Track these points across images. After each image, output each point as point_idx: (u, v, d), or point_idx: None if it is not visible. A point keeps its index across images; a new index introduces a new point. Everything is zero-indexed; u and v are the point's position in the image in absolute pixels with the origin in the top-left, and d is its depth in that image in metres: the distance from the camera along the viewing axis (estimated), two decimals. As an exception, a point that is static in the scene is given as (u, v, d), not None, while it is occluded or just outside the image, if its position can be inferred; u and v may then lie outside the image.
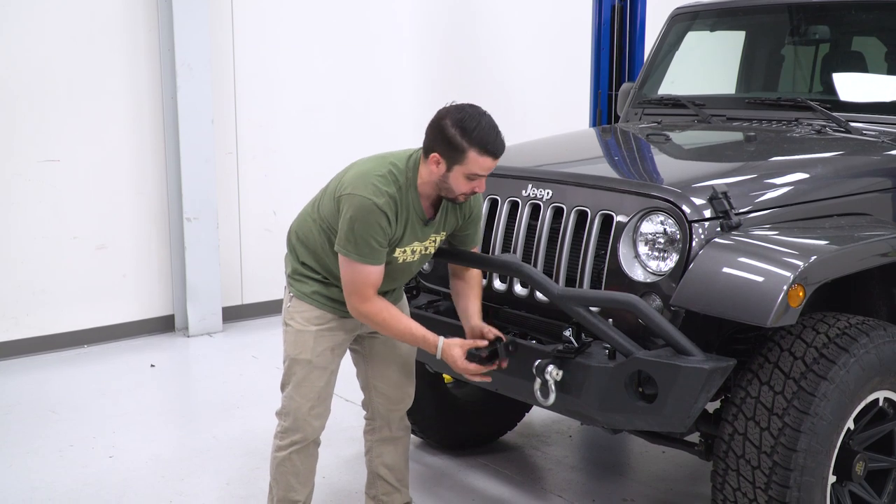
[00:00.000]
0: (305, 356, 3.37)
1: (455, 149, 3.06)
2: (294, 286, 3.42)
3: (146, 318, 6.83)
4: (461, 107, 3.12)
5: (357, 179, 3.14)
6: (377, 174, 3.14)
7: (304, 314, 3.38)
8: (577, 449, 4.90)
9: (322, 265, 3.36)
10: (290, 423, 3.43)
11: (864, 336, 3.14)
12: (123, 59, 6.45)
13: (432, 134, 3.12)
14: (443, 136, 3.07)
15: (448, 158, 3.09)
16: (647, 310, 3.08)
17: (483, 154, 3.07)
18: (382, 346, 3.59)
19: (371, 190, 3.09)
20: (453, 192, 3.18)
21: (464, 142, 3.05)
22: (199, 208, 6.71)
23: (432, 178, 3.17)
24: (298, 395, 3.40)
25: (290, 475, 3.47)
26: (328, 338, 3.39)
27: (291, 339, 3.40)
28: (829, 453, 3.08)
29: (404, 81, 7.99)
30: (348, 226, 3.11)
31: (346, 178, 3.20)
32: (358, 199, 3.09)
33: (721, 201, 3.22)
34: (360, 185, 3.12)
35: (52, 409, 5.31)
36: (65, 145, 6.26)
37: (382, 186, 3.12)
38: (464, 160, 3.08)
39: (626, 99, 5.18)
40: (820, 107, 4.29)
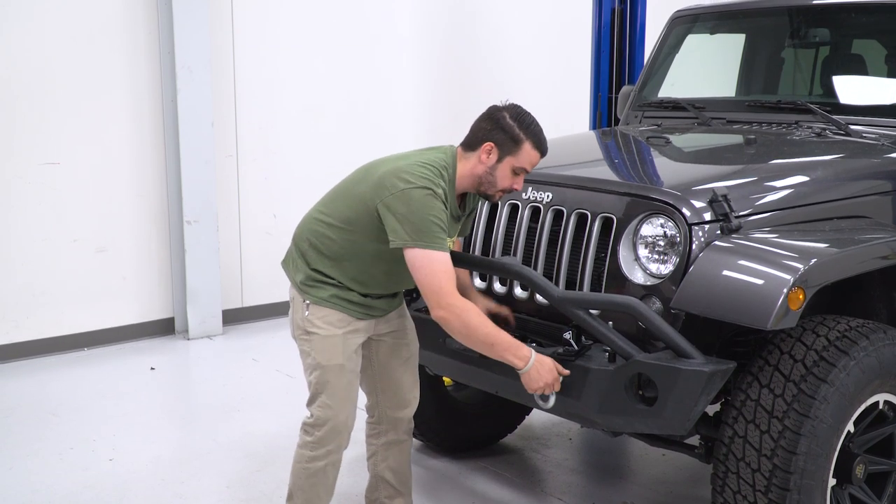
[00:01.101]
0: (338, 360, 3.31)
1: (513, 139, 3.18)
2: (310, 293, 3.32)
3: (146, 320, 6.83)
4: (513, 104, 3.29)
5: (402, 174, 3.11)
6: (423, 167, 3.14)
7: (327, 318, 3.30)
8: (577, 452, 4.90)
9: (340, 270, 3.29)
10: (325, 433, 3.35)
11: (864, 339, 3.14)
12: (123, 62, 6.46)
13: (487, 125, 3.22)
14: (500, 125, 3.19)
15: (502, 148, 3.19)
16: (646, 312, 3.08)
17: (535, 148, 3.22)
18: (389, 348, 3.57)
19: (425, 181, 3.10)
20: (495, 185, 3.25)
21: (521, 133, 3.19)
22: (199, 211, 6.71)
23: (476, 171, 3.23)
24: (335, 403, 3.32)
25: (321, 486, 3.42)
26: (354, 340, 3.35)
27: (319, 346, 3.30)
28: (829, 456, 3.08)
29: (404, 82, 7.99)
30: (413, 216, 3.05)
31: (384, 178, 3.13)
32: (415, 190, 3.07)
33: (721, 204, 3.22)
34: (409, 178, 3.09)
35: (52, 412, 5.31)
36: (65, 148, 6.26)
37: (436, 178, 3.14)
38: (518, 151, 3.20)
39: (626, 101, 5.18)
40: (820, 110, 4.29)
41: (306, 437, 3.39)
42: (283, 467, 4.44)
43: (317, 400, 3.35)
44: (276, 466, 4.55)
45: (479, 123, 3.27)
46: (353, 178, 3.35)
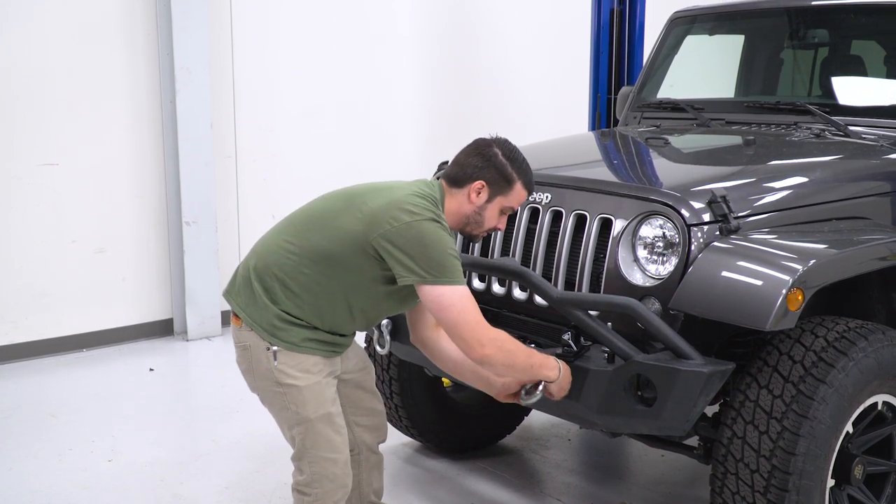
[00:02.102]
0: (325, 409, 3.04)
1: (505, 178, 3.04)
2: (279, 337, 2.98)
3: (145, 321, 6.83)
4: (502, 138, 3.11)
5: (402, 206, 2.88)
6: (419, 197, 2.94)
7: (301, 365, 3.00)
8: (576, 453, 4.90)
9: (311, 310, 2.99)
10: (327, 488, 3.09)
11: (863, 340, 3.14)
12: (122, 63, 6.45)
13: (478, 161, 3.03)
14: (493, 164, 3.03)
15: (493, 187, 3.04)
16: (645, 313, 3.08)
17: (525, 188, 3.09)
18: (356, 384, 3.36)
19: (432, 212, 2.90)
20: (482, 226, 3.10)
21: (514, 173, 3.04)
22: (197, 212, 6.71)
23: (463, 210, 3.06)
24: (331, 454, 3.07)
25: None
26: (332, 381, 3.12)
27: (302, 398, 3.00)
28: (827, 457, 3.08)
29: (404, 83, 7.99)
30: (436, 251, 2.84)
31: (379, 211, 2.88)
32: (424, 222, 2.85)
33: (720, 205, 3.22)
34: (412, 210, 2.87)
35: (51, 413, 5.31)
36: (64, 149, 6.26)
37: (434, 208, 2.94)
38: (509, 191, 3.06)
39: (625, 102, 5.19)
40: (819, 110, 4.29)
41: (305, 499, 3.11)
42: (283, 468, 4.44)
43: (307, 456, 3.08)
44: (276, 467, 4.54)
45: (468, 159, 3.05)
46: (330, 207, 3.04)
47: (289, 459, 3.19)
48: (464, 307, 2.87)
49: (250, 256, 3.14)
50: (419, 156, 7.86)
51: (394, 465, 4.61)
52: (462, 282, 2.89)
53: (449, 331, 2.93)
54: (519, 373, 3.08)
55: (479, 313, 2.91)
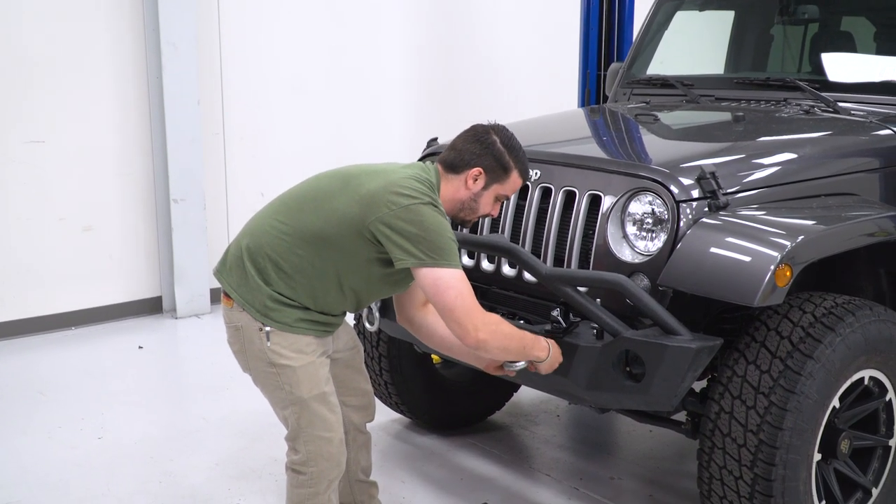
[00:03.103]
0: (319, 389, 3.04)
1: (502, 167, 3.04)
2: (271, 316, 2.97)
3: (133, 299, 6.81)
4: (500, 126, 3.10)
5: (400, 189, 2.86)
6: (416, 181, 2.91)
7: (295, 345, 3.00)
8: (565, 428, 4.92)
9: (305, 291, 2.98)
10: (323, 467, 3.09)
11: (850, 315, 3.15)
12: (107, 39, 6.40)
13: (476, 148, 3.02)
14: (491, 152, 3.03)
15: (491, 175, 3.04)
16: (634, 289, 3.09)
17: (520, 177, 3.10)
18: (345, 363, 3.37)
19: (429, 196, 2.89)
20: (476, 212, 3.11)
21: (511, 161, 3.05)
22: (185, 189, 6.68)
23: (459, 196, 3.06)
24: (326, 433, 3.07)
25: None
26: (325, 361, 3.11)
27: (296, 378, 3.00)
28: (814, 431, 3.11)
29: (393, 60, 7.95)
30: (434, 234, 2.83)
31: (377, 193, 2.87)
32: (424, 207, 2.85)
33: (709, 181, 3.22)
34: (416, 192, 2.86)
35: (40, 391, 5.30)
36: (50, 126, 6.22)
37: (434, 193, 2.94)
38: (505, 180, 3.07)
39: (615, 79, 5.17)
40: (808, 87, 4.29)
41: (300, 477, 3.11)
42: (273, 444, 4.47)
43: (302, 435, 3.07)
44: (265, 443, 4.55)
45: (466, 145, 3.04)
46: (325, 187, 3.01)
47: (278, 436, 3.19)
48: (460, 291, 2.86)
49: (242, 236, 3.11)
50: (408, 132, 7.84)
51: (383, 442, 4.63)
52: (459, 266, 2.89)
53: (444, 315, 2.91)
54: (512, 356, 3.09)
55: (474, 298, 2.90)
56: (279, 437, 3.49)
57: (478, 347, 2.94)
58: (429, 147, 4.18)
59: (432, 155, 4.09)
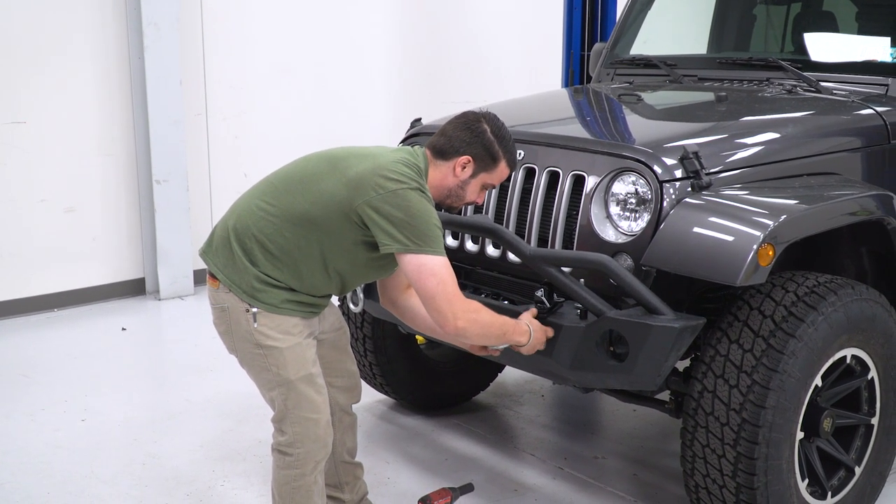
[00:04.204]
0: (306, 370, 3.04)
1: (491, 156, 3.03)
2: (258, 298, 2.97)
3: (116, 281, 6.78)
4: (491, 115, 3.07)
5: (392, 172, 2.86)
6: (412, 167, 2.93)
7: (281, 326, 3.00)
8: (549, 408, 4.94)
9: (291, 273, 2.98)
10: (309, 448, 3.09)
11: (833, 294, 3.17)
12: (88, 18, 6.34)
13: (466, 136, 3.01)
14: (481, 140, 3.01)
15: (479, 164, 3.03)
16: (617, 269, 3.09)
17: (508, 167, 3.10)
18: (332, 344, 3.35)
19: (416, 181, 2.89)
20: (463, 199, 3.10)
21: (500, 151, 3.04)
22: (168, 170, 6.64)
23: (446, 183, 3.04)
24: (313, 414, 3.06)
25: (316, 496, 3.19)
26: (312, 342, 3.11)
27: (283, 360, 2.99)
28: (797, 410, 3.13)
29: (376, 40, 7.91)
30: (420, 220, 2.83)
31: (365, 176, 2.86)
32: (412, 192, 2.85)
33: (692, 161, 3.22)
34: (403, 176, 2.87)
35: (23, 373, 5.28)
36: (31, 107, 6.17)
37: (421, 179, 2.94)
38: (493, 169, 3.06)
39: (598, 59, 5.17)
40: (791, 67, 4.29)
41: (286, 458, 3.10)
42: (257, 426, 4.47)
43: (289, 417, 3.06)
44: (250, 425, 4.55)
45: (456, 132, 3.03)
46: (313, 169, 3.00)
47: (263, 418, 3.19)
48: (443, 278, 2.87)
49: (229, 216, 3.09)
50: (392, 114, 7.81)
51: (368, 423, 4.63)
52: (443, 253, 2.90)
53: (425, 302, 2.92)
54: (492, 342, 3.12)
55: (456, 286, 2.91)
56: (264, 418, 3.49)
57: (457, 335, 2.96)
58: (412, 127, 4.16)
59: (415, 136, 4.08)
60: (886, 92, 4.10)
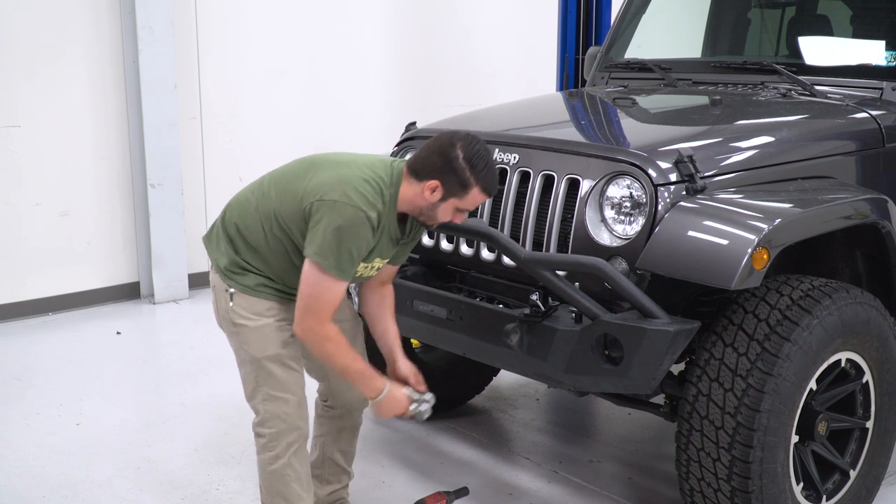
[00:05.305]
0: (273, 350, 3.12)
1: (461, 183, 2.96)
2: (234, 279, 3.13)
3: (111, 285, 6.77)
4: (470, 139, 2.97)
5: (342, 185, 2.91)
6: (366, 182, 2.94)
7: (254, 307, 3.12)
8: (544, 412, 4.94)
9: (265, 265, 3.11)
10: (280, 428, 3.15)
11: (827, 298, 3.17)
12: (83, 22, 6.34)
13: (437, 162, 2.95)
14: (451, 167, 2.93)
15: (448, 189, 2.97)
16: (612, 273, 3.10)
17: (483, 192, 3.01)
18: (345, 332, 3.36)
19: (362, 200, 2.90)
20: (436, 220, 3.08)
21: (472, 178, 2.95)
22: (163, 174, 6.64)
23: (417, 202, 3.02)
24: (280, 393, 3.14)
25: (294, 482, 3.21)
26: (288, 326, 3.15)
27: (252, 338, 3.12)
28: (791, 414, 3.13)
29: (371, 44, 7.91)
30: (333, 235, 2.88)
31: (323, 181, 2.94)
32: (349, 208, 2.88)
33: (687, 165, 3.23)
34: (347, 192, 2.90)
35: (17, 377, 5.27)
36: (25, 111, 6.15)
37: (371, 198, 2.93)
38: (464, 195, 2.99)
39: (593, 63, 5.17)
40: (785, 70, 4.30)
41: (260, 440, 3.20)
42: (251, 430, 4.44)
43: (258, 394, 3.17)
44: (244, 428, 4.52)
45: (430, 154, 2.97)
46: (294, 170, 3.11)
47: (258, 422, 3.22)
48: (319, 293, 2.95)
49: (226, 208, 3.27)
50: (386, 118, 7.80)
51: (363, 427, 4.56)
52: (345, 280, 2.96)
53: (301, 299, 2.99)
54: (338, 371, 3.16)
55: (328, 308, 2.97)
56: (258, 422, 3.49)
57: (300, 336, 3.05)
58: (407, 131, 4.17)
59: (410, 139, 4.08)
60: (881, 95, 4.11)
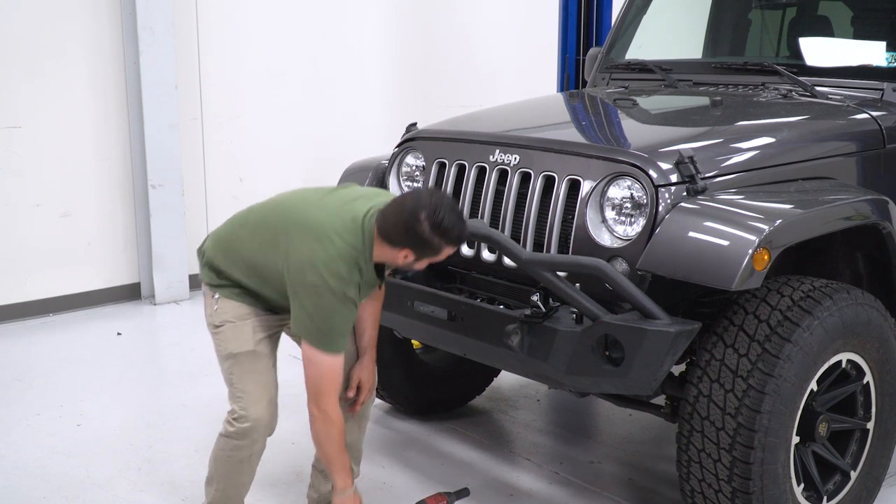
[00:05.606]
0: (248, 346, 3.28)
1: (431, 247, 3.05)
2: (220, 287, 3.34)
3: (112, 286, 6.77)
4: (433, 205, 2.99)
5: (319, 268, 3.02)
6: (340, 259, 3.04)
7: (236, 311, 3.30)
8: (545, 413, 4.94)
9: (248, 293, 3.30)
10: (246, 428, 3.26)
11: (828, 299, 3.17)
12: (84, 23, 6.34)
13: (406, 234, 3.02)
14: (419, 237, 3.01)
15: (420, 253, 3.08)
16: (613, 274, 3.09)
17: (453, 245, 3.10)
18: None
19: (340, 282, 3.03)
20: (413, 269, 3.30)
21: (442, 241, 3.04)
22: (163, 175, 6.64)
23: (394, 261, 3.14)
24: (248, 392, 3.27)
25: (245, 473, 3.39)
26: (264, 327, 3.33)
27: (230, 335, 3.29)
28: (792, 414, 3.13)
29: (371, 45, 7.91)
30: (320, 319, 3.06)
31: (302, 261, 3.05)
32: (328, 293, 3.02)
33: (687, 166, 3.23)
34: (324, 275, 3.01)
35: (17, 378, 5.27)
36: (26, 112, 6.16)
37: (348, 276, 3.05)
38: (436, 255, 3.11)
39: (594, 64, 5.17)
40: (786, 71, 4.30)
41: (229, 428, 3.31)
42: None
43: (233, 390, 3.31)
44: (245, 430, 4.54)
45: (397, 227, 3.02)
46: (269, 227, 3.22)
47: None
48: (321, 373, 3.13)
49: (211, 238, 3.42)
50: (386, 118, 7.80)
51: (364, 427, 4.62)
52: (339, 352, 3.12)
53: (307, 381, 3.17)
54: (321, 454, 3.33)
55: (332, 385, 3.16)
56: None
57: (310, 414, 3.22)
58: (407, 132, 4.16)
59: (411, 140, 4.08)
60: (882, 96, 4.10)
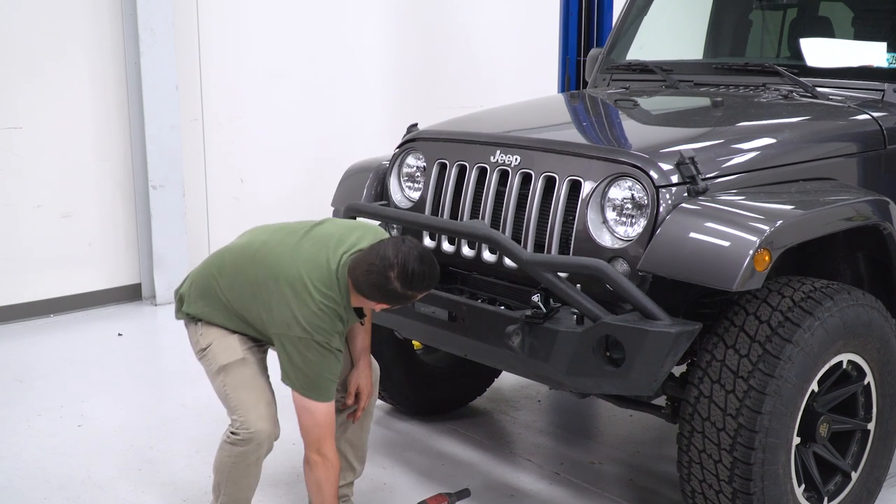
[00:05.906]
0: (237, 355, 3.34)
1: (406, 298, 3.15)
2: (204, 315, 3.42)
3: (113, 286, 6.78)
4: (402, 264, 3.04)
5: (301, 323, 3.09)
6: (322, 312, 3.11)
7: (221, 331, 3.39)
8: (546, 413, 4.94)
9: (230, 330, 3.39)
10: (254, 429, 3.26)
11: (829, 300, 3.17)
12: (85, 24, 6.34)
13: (380, 293, 3.09)
14: (393, 294, 3.10)
15: (396, 304, 3.20)
16: (614, 275, 3.09)
17: (424, 292, 3.20)
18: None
19: (323, 335, 3.11)
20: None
21: (414, 292, 3.13)
22: (164, 176, 6.64)
23: (370, 307, 3.26)
24: (244, 392, 3.31)
25: (251, 478, 3.38)
26: (250, 339, 3.40)
27: (217, 349, 3.36)
28: (793, 415, 3.13)
29: (371, 46, 7.92)
30: (308, 370, 3.14)
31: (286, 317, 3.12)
32: (313, 345, 3.11)
33: (688, 166, 3.23)
34: (308, 329, 3.09)
35: (18, 379, 5.27)
36: (27, 112, 6.16)
37: (329, 327, 3.13)
38: (412, 300, 3.21)
39: (595, 64, 5.17)
40: (787, 72, 4.30)
41: (233, 436, 3.31)
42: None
43: (230, 401, 3.34)
44: (246, 431, 4.54)
45: (370, 286, 3.08)
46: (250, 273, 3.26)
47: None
48: (317, 422, 3.22)
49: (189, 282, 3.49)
50: (387, 118, 7.81)
51: (364, 428, 4.62)
52: (328, 400, 3.20)
53: (302, 429, 3.27)
54: (319, 499, 3.35)
55: (328, 430, 3.25)
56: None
57: (307, 462, 3.31)
58: (408, 133, 4.16)
59: (412, 141, 4.08)
60: (882, 97, 4.10)
